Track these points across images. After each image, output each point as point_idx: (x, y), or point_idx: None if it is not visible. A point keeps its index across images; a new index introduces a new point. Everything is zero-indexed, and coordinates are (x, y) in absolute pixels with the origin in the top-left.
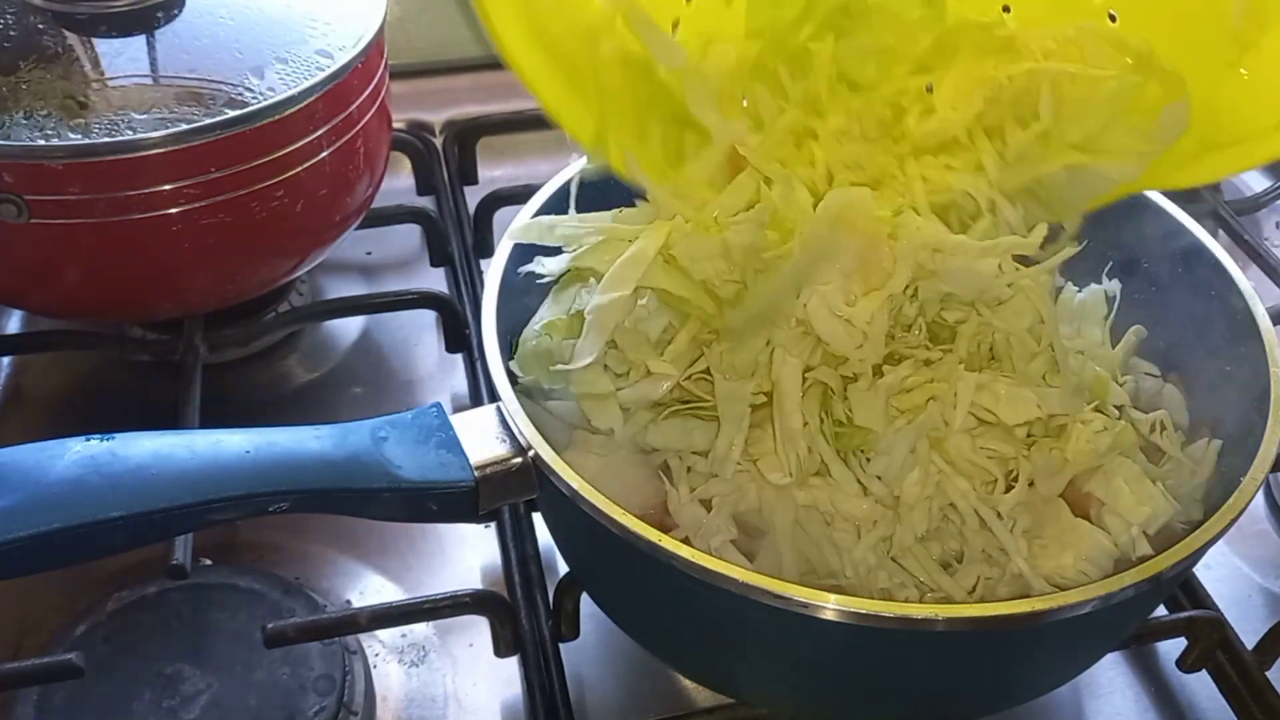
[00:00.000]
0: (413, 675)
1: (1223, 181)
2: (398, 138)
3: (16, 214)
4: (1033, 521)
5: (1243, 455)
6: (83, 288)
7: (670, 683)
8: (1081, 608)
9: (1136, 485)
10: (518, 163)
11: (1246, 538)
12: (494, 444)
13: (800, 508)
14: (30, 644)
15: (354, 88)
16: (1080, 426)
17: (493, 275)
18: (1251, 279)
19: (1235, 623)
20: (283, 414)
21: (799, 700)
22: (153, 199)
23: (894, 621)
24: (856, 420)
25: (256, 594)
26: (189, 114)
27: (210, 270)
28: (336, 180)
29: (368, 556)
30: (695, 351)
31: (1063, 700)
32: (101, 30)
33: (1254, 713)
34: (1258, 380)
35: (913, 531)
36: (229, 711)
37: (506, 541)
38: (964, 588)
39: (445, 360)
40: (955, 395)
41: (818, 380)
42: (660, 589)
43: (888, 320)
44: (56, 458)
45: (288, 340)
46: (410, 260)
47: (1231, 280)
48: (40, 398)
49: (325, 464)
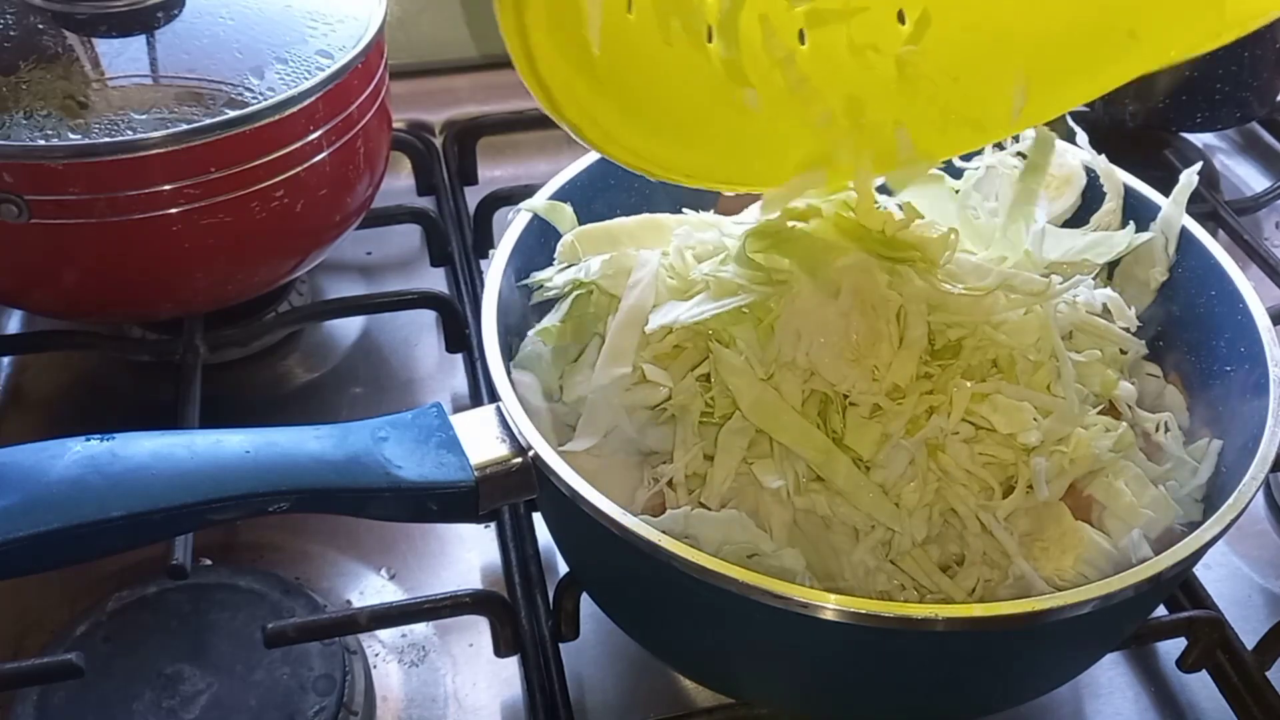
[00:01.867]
0: (413, 675)
1: (1222, 182)
2: (398, 138)
3: (16, 214)
4: (1033, 525)
5: (1243, 455)
6: (83, 288)
7: (670, 683)
8: (1081, 608)
9: (1137, 488)
10: (518, 163)
11: (1246, 538)
12: (494, 444)
13: (798, 511)
14: (30, 644)
15: (354, 88)
16: (1080, 430)
17: (493, 275)
18: (1251, 279)
19: (1235, 623)
20: (283, 414)
21: (799, 700)
22: (153, 199)
23: (894, 621)
24: (848, 442)
25: (256, 594)
26: (189, 114)
27: (210, 270)
28: (336, 180)
29: (368, 556)
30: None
31: (1063, 700)
32: (101, 30)
33: (1254, 713)
34: (1258, 380)
35: (911, 537)
36: (229, 711)
37: (506, 541)
38: (964, 589)
39: (445, 360)
40: (951, 404)
41: (815, 390)
42: (660, 589)
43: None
44: (56, 458)
45: (288, 340)
46: (410, 260)
47: (1231, 280)
48: (40, 398)
49: (325, 464)
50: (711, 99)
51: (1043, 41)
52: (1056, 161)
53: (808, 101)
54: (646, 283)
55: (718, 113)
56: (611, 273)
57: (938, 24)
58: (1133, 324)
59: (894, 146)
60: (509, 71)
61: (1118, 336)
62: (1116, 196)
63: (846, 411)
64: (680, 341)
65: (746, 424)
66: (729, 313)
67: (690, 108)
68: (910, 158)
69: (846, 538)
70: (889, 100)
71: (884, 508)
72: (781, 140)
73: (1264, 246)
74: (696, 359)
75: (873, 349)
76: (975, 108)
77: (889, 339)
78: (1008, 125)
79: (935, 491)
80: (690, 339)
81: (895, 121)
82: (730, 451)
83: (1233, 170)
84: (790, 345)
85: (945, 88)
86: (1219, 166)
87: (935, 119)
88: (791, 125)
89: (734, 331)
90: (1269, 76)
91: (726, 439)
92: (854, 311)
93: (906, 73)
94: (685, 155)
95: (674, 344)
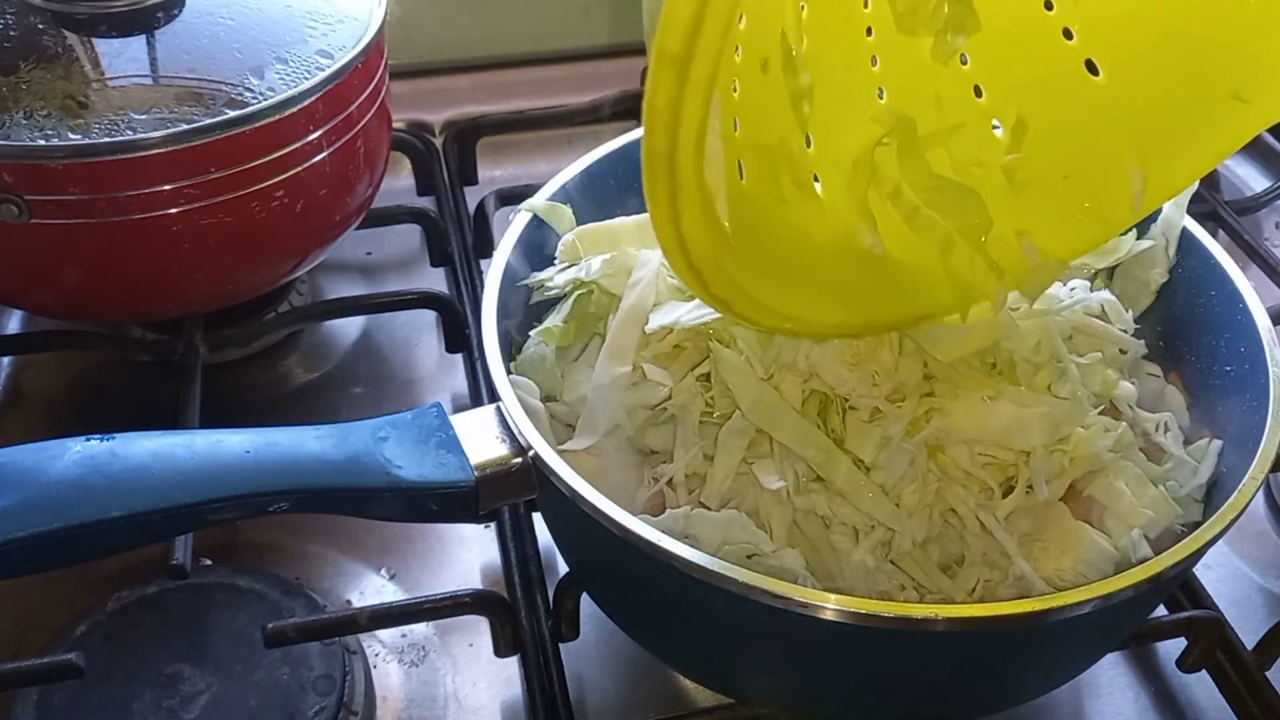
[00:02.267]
0: (413, 675)
1: (1222, 182)
2: (398, 138)
3: (17, 214)
4: (1033, 525)
5: (1243, 455)
6: (83, 288)
7: (670, 683)
8: (1081, 608)
9: (1137, 488)
10: (518, 163)
11: (1246, 538)
12: (494, 444)
13: (798, 511)
14: (30, 644)
15: (354, 88)
16: (1080, 430)
17: (493, 275)
18: (1251, 279)
19: (1235, 623)
20: (283, 414)
21: (799, 700)
22: (153, 199)
23: (894, 621)
24: (848, 446)
25: (256, 594)
26: (189, 114)
27: (210, 270)
28: (336, 180)
29: (368, 556)
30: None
31: (1063, 700)
32: (101, 30)
33: (1254, 713)
34: (1258, 380)
35: (911, 538)
36: (229, 711)
37: (506, 541)
38: (964, 589)
39: (445, 360)
40: (956, 410)
41: (815, 390)
42: (660, 589)
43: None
44: (56, 458)
45: (288, 340)
46: (410, 260)
47: (1231, 280)
48: (40, 398)
49: (325, 464)
50: (839, 251)
51: (1147, 121)
52: None
53: (924, 230)
54: (647, 282)
55: (850, 264)
56: (612, 272)
57: (1035, 127)
58: (1130, 327)
59: (1020, 256)
60: (509, 71)
61: (1117, 337)
62: None
63: (846, 415)
64: (680, 341)
65: (746, 424)
66: None
67: (821, 265)
68: (1039, 263)
69: (846, 538)
70: (1006, 212)
71: (884, 508)
72: (919, 281)
73: (1264, 246)
74: (697, 358)
75: (873, 354)
76: (1094, 199)
77: (889, 344)
78: (1130, 212)
79: (935, 492)
80: (690, 338)
81: (1016, 232)
82: (730, 451)
83: (1233, 170)
84: (790, 348)
85: (1059, 187)
86: (1219, 166)
87: (1056, 219)
88: (922, 261)
89: (734, 331)
90: None
91: (726, 439)
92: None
93: (1016, 180)
94: (830, 312)
95: (674, 343)
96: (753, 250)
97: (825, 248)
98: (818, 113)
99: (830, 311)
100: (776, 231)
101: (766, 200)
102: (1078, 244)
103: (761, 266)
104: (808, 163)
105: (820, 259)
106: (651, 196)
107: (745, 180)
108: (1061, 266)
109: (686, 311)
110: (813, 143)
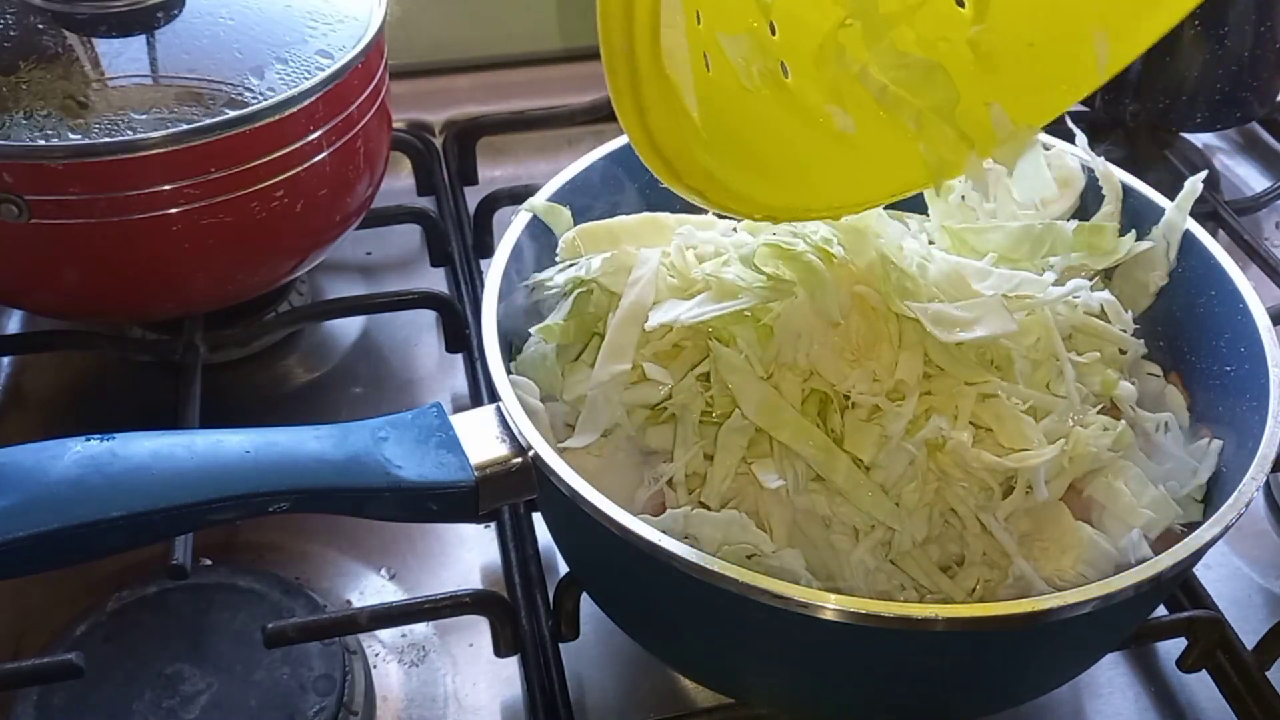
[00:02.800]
0: (413, 675)
1: (1222, 182)
2: (398, 138)
3: (16, 214)
4: (1033, 525)
5: (1243, 455)
6: (83, 288)
7: (670, 683)
8: (1081, 608)
9: (1137, 488)
10: (518, 163)
11: (1246, 538)
12: (494, 444)
13: (798, 511)
14: (30, 644)
15: (354, 88)
16: (1080, 429)
17: (493, 275)
18: (1251, 279)
19: (1235, 623)
20: (283, 414)
21: (799, 700)
22: (153, 199)
23: (894, 621)
24: (847, 446)
25: (256, 594)
26: (189, 114)
27: (210, 270)
28: (336, 180)
29: (368, 556)
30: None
31: (1063, 700)
32: (101, 30)
33: (1254, 713)
34: (1258, 380)
35: (911, 537)
36: (229, 711)
37: (506, 541)
38: (964, 589)
39: (445, 360)
40: (956, 408)
41: (815, 389)
42: (660, 589)
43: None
44: (56, 458)
45: (288, 340)
46: (410, 260)
47: (1231, 280)
48: (40, 398)
49: (325, 464)
50: (812, 135)
51: None
52: (1055, 163)
53: (894, 108)
54: (647, 280)
55: (824, 147)
56: (612, 270)
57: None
58: (1129, 328)
59: (990, 126)
60: (509, 71)
61: (1116, 337)
62: (1115, 199)
63: (845, 413)
64: (680, 340)
65: (746, 423)
66: (730, 313)
67: (795, 149)
68: (1010, 132)
69: (846, 538)
70: (974, 83)
71: (884, 507)
72: (893, 158)
73: (1264, 246)
74: (696, 358)
75: (873, 350)
76: (1060, 67)
77: (889, 340)
78: (1096, 76)
79: (935, 491)
80: (690, 337)
81: (985, 102)
82: (730, 451)
83: (1233, 170)
84: (790, 346)
85: (1025, 55)
86: (1219, 166)
87: (1024, 88)
88: (894, 138)
89: (734, 330)
90: (1269, 76)
91: (726, 438)
92: (854, 313)
93: (982, 51)
94: (806, 196)
95: (674, 342)
96: (724, 140)
97: (797, 134)
98: (780, 0)
99: (805, 196)
100: (747, 121)
101: (735, 91)
102: (1047, 110)
103: (734, 156)
104: (774, 50)
105: (793, 145)
106: (614, 90)
107: (712, 72)
108: (1031, 133)
109: (686, 309)
110: (777, 30)
